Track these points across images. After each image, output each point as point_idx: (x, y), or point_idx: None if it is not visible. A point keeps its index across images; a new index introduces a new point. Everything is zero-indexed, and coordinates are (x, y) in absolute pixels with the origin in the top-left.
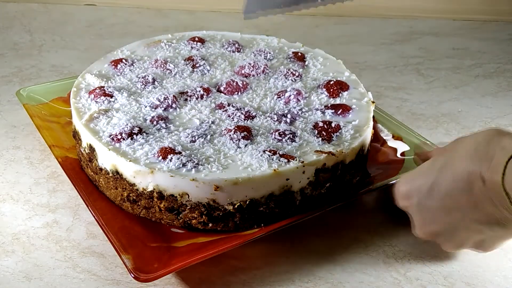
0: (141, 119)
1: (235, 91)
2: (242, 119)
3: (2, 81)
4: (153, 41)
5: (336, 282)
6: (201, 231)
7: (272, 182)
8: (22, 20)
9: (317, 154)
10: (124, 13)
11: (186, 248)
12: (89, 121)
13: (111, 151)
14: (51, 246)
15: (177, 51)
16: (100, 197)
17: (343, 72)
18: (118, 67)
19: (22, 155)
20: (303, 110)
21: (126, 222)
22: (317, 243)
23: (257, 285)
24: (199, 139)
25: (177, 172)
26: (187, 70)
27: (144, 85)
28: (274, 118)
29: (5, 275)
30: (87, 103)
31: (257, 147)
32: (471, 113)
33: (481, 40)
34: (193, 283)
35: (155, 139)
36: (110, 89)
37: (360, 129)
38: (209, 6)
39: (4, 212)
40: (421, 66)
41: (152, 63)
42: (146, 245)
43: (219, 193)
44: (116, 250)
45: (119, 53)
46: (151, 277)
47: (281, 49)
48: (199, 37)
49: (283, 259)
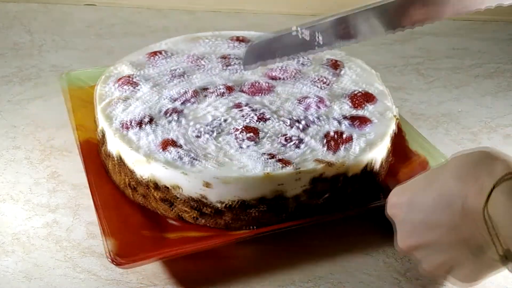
0: (156, 110)
1: (257, 92)
2: (254, 120)
3: (2, 81)
4: (195, 37)
5: (336, 282)
6: (195, 225)
7: (263, 185)
8: (22, 20)
9: (316, 162)
10: (124, 13)
11: (177, 240)
12: (106, 106)
13: (117, 137)
14: (51, 246)
15: (215, 48)
16: (107, 182)
17: (374, 84)
18: (153, 59)
19: (22, 155)
20: (320, 118)
21: (126, 208)
22: (317, 243)
23: (257, 285)
24: (205, 135)
25: (171, 164)
26: (219, 67)
27: (171, 78)
28: (287, 122)
29: (5, 275)
30: (111, 89)
31: (258, 149)
32: (471, 113)
33: (481, 40)
34: (193, 283)
35: (162, 130)
36: (137, 79)
37: (372, 143)
38: (209, 6)
39: (4, 212)
40: (421, 66)
41: (187, 57)
42: (139, 232)
43: (210, 190)
44: (101, 232)
45: (159, 46)
46: (126, 262)
47: (321, 55)
48: (242, 36)
49: (283, 259)
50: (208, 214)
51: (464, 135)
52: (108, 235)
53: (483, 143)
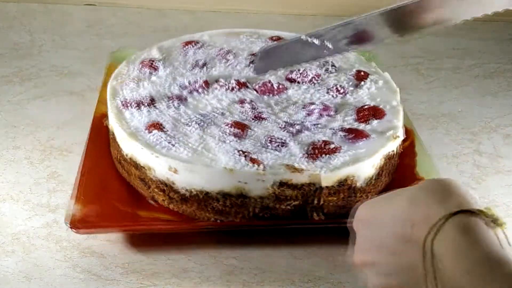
0: (162, 94)
1: (267, 92)
2: (250, 118)
3: (2, 81)
4: (234, 32)
5: (336, 282)
6: (169, 209)
7: (225, 180)
8: (22, 20)
9: (284, 167)
10: (124, 13)
11: (144, 218)
12: (118, 84)
13: (112, 113)
14: (51, 246)
15: (250, 45)
16: (106, 154)
17: (391, 101)
18: (186, 48)
19: (22, 155)
20: (318, 125)
21: (111, 181)
22: (317, 243)
23: (257, 285)
24: (195, 124)
25: (148, 145)
26: (244, 63)
27: (192, 67)
28: (282, 125)
29: (5, 275)
30: (131, 70)
31: (237, 146)
32: (471, 113)
33: (481, 40)
34: (193, 283)
35: (157, 114)
36: (158, 63)
37: (357, 159)
38: (209, 6)
39: (4, 212)
40: (421, 66)
41: (218, 50)
42: (112, 204)
43: (177, 176)
44: (71, 196)
45: (197, 36)
46: (82, 227)
47: (352, 65)
48: (280, 37)
49: (283, 260)
50: (176, 200)
51: (464, 135)
52: (78, 201)
53: (483, 143)
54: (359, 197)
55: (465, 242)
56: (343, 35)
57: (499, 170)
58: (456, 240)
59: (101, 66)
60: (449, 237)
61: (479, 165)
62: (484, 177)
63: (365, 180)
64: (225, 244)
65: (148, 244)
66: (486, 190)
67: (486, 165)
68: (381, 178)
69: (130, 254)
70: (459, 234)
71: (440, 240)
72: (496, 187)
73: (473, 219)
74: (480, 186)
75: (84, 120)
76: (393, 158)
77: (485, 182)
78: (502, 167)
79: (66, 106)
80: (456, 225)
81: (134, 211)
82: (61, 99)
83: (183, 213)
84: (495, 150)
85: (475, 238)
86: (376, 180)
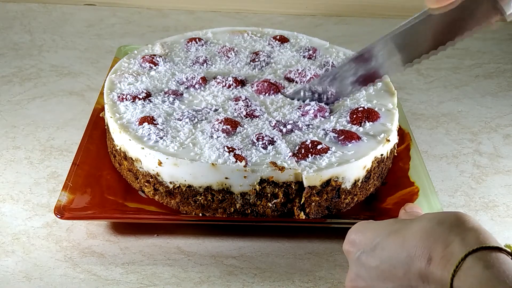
0: (159, 89)
1: (263, 91)
2: (242, 115)
3: (2, 81)
4: (239, 30)
5: (336, 282)
6: (157, 202)
7: (209, 175)
8: (22, 20)
9: (267, 165)
10: (124, 13)
11: (131, 209)
12: (117, 77)
13: (107, 105)
14: (51, 246)
15: (254, 43)
16: (101, 146)
17: (387, 104)
18: (189, 44)
19: (22, 155)
20: (310, 126)
21: (105, 173)
22: (317, 243)
23: (257, 285)
24: (186, 119)
25: (136, 138)
26: (244, 61)
27: (193, 63)
28: (272, 123)
29: (5, 275)
30: (132, 64)
31: (225, 142)
32: (471, 113)
33: (481, 40)
34: (193, 283)
35: (151, 107)
36: (159, 59)
37: (344, 160)
38: (209, 6)
39: (4, 212)
40: (421, 66)
41: (220, 48)
42: (102, 195)
43: (162, 168)
44: (63, 185)
45: (201, 33)
46: (68, 215)
47: None
48: (283, 36)
49: (283, 260)
50: (161, 192)
51: (464, 135)
52: (69, 190)
53: (483, 143)
54: (344, 199)
55: (491, 276)
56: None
57: (499, 170)
58: (480, 275)
59: (101, 66)
60: (472, 273)
61: (479, 165)
62: (484, 177)
63: (353, 182)
64: (225, 244)
65: (149, 244)
66: (486, 190)
67: (486, 165)
68: (370, 181)
69: (130, 254)
70: (483, 269)
71: (461, 276)
72: (496, 187)
73: (494, 254)
74: (480, 186)
75: (84, 120)
76: (383, 161)
77: (485, 182)
78: (502, 167)
79: (66, 106)
80: (478, 261)
81: (122, 202)
82: (61, 99)
83: (167, 205)
84: (495, 150)
85: (500, 271)
86: (364, 183)
